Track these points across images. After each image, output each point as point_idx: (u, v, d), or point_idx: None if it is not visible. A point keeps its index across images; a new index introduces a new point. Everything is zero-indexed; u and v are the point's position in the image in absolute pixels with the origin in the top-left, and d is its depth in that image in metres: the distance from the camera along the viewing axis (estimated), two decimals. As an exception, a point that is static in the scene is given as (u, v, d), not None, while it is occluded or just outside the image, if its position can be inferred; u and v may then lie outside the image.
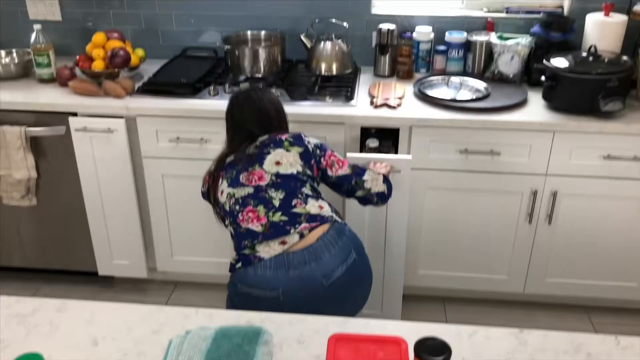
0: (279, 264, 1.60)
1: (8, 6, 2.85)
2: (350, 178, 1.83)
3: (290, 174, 1.72)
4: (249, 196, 1.70)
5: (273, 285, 1.59)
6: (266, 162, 1.73)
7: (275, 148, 1.76)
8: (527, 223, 2.41)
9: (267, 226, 1.64)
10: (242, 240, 1.67)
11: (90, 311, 1.24)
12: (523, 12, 2.68)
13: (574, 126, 2.22)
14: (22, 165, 2.43)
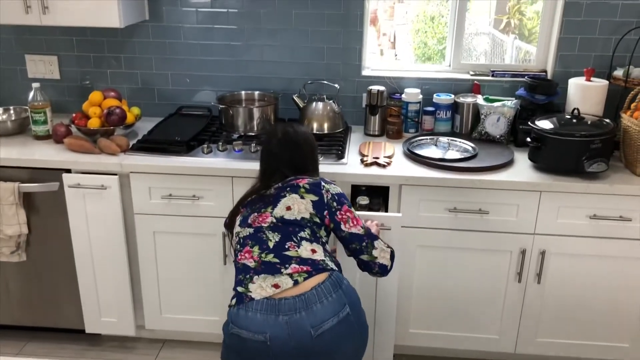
0: (269, 309, 1.62)
1: (7, 64, 2.92)
2: (362, 239, 1.82)
3: (294, 220, 1.76)
4: (249, 236, 1.77)
5: (261, 329, 1.60)
6: (279, 206, 1.78)
7: (291, 193, 1.80)
8: (516, 282, 2.42)
9: (259, 263, 1.70)
10: (238, 275, 1.74)
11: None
12: (508, 75, 2.77)
13: (560, 186, 2.26)
14: (14, 221, 2.43)
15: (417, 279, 2.46)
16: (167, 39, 2.83)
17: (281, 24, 2.76)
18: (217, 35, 2.81)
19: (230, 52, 2.82)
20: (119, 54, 2.87)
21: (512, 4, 5.62)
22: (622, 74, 2.55)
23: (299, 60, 2.80)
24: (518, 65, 2.88)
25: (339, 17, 2.72)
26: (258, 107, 2.67)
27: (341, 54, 2.78)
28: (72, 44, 2.87)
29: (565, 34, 2.66)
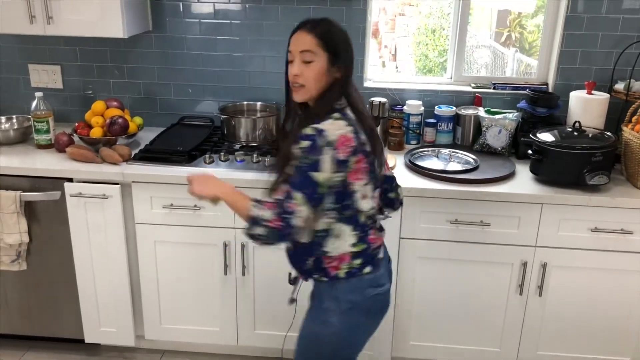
0: (386, 260, 1.83)
1: (11, 73, 2.93)
2: (393, 180, 1.94)
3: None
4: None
5: (387, 280, 1.80)
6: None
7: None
8: (517, 294, 2.42)
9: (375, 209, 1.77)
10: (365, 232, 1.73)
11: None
12: (509, 88, 2.78)
13: (561, 199, 2.27)
14: (15, 229, 2.43)
15: (417, 290, 2.45)
16: (170, 49, 2.84)
17: (283, 36, 2.75)
18: (220, 46, 2.82)
19: (233, 62, 2.83)
20: (121, 64, 2.88)
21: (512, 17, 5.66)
22: (623, 88, 2.56)
23: (301, 72, 2.81)
24: (519, 78, 2.89)
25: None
26: (260, 118, 2.68)
27: (343, 66, 2.79)
28: (75, 53, 2.88)
29: (566, 47, 2.67)
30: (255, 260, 2.46)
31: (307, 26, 1.62)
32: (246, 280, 2.49)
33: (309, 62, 1.61)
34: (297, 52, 1.62)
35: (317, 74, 1.62)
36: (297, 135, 1.57)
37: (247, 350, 2.69)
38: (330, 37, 1.62)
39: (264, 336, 2.57)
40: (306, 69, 1.61)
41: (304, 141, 1.54)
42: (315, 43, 1.60)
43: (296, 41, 1.63)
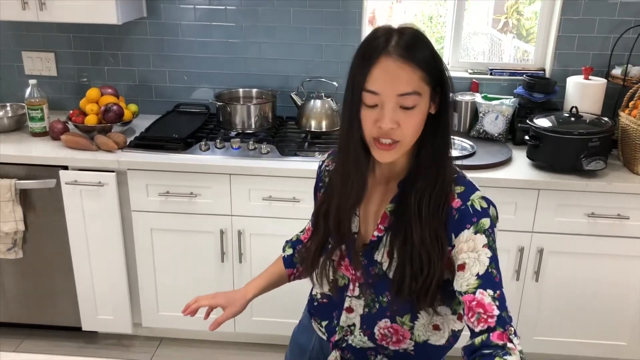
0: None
1: (4, 61, 2.90)
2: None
3: None
4: None
5: None
6: None
7: None
8: (514, 280, 2.42)
9: None
10: None
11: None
12: (506, 74, 2.77)
13: (558, 184, 2.26)
14: (11, 217, 2.42)
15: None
16: (164, 36, 2.82)
17: (279, 22, 2.75)
18: (215, 32, 2.80)
19: (228, 49, 2.81)
20: (116, 51, 2.86)
21: (510, 3, 5.62)
22: (621, 73, 2.55)
23: (297, 58, 2.79)
24: (516, 64, 2.88)
25: (337, 15, 2.71)
26: (256, 105, 2.67)
27: (339, 52, 2.77)
28: (69, 40, 2.86)
29: (563, 33, 2.66)
30: (252, 247, 2.45)
31: (400, 50, 1.03)
32: (243, 268, 2.49)
33: (410, 109, 1.06)
34: (392, 95, 1.04)
35: (420, 121, 1.09)
36: (464, 210, 1.11)
37: (244, 337, 2.69)
38: (432, 59, 1.07)
39: (260, 323, 2.57)
40: (406, 119, 1.06)
41: (484, 219, 1.11)
42: (420, 78, 1.05)
43: (389, 78, 1.04)
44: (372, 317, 1.22)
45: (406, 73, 1.03)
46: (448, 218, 1.11)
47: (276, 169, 2.32)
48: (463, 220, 1.09)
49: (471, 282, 1.06)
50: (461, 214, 1.10)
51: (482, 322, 1.03)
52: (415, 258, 1.11)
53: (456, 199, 1.12)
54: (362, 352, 1.26)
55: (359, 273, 1.21)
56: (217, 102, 2.65)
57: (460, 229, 1.09)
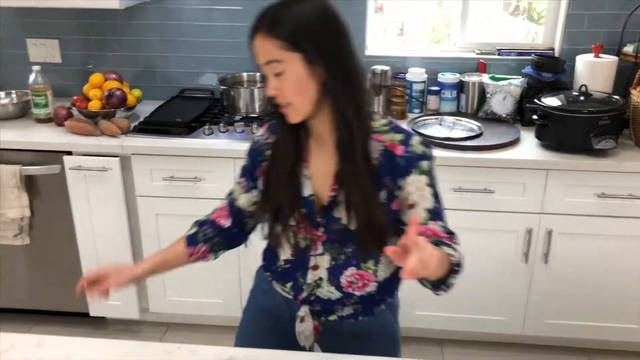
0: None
1: (9, 49, 2.90)
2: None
3: None
4: None
5: None
6: None
7: None
8: (523, 263, 2.38)
9: None
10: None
11: (69, 347, 1.22)
12: (514, 54, 2.72)
13: (567, 164, 2.22)
14: (16, 204, 2.43)
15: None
16: (168, 20, 2.80)
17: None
18: (219, 16, 2.77)
19: (233, 33, 2.79)
20: (120, 37, 2.85)
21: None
22: (633, 50, 2.49)
23: (301, 41, 2.76)
24: (524, 44, 2.82)
25: (341, -5, 2.67)
26: (260, 89, 2.64)
27: (344, 34, 2.73)
28: (73, 27, 2.85)
29: (573, 10, 2.60)
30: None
31: (262, 26, 1.15)
32: (249, 252, 2.47)
33: (280, 75, 1.17)
34: (262, 66, 1.19)
35: (295, 85, 1.17)
36: (410, 156, 1.22)
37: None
38: (296, 28, 1.14)
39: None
40: (281, 84, 1.18)
41: (425, 161, 1.24)
42: (278, 46, 1.14)
43: (255, 53, 1.18)
44: (338, 268, 1.30)
45: (265, 45, 1.15)
46: (395, 165, 1.22)
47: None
48: (408, 166, 1.22)
49: (422, 216, 1.22)
50: (405, 160, 1.22)
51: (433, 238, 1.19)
52: (371, 207, 1.21)
53: (398, 147, 1.23)
54: (330, 304, 1.33)
55: (320, 232, 1.28)
56: (220, 86, 2.63)
57: (407, 173, 1.22)
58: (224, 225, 1.41)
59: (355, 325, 1.36)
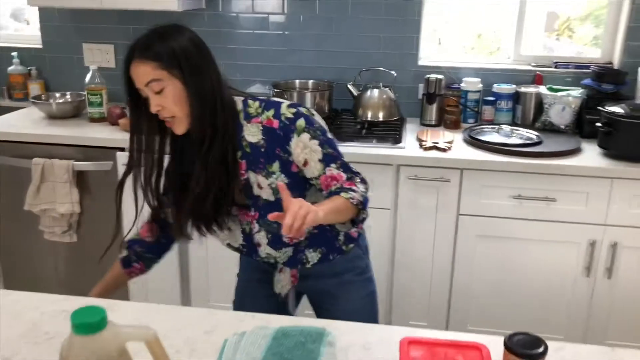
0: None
1: (65, 53, 2.95)
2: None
3: None
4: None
5: None
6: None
7: None
8: (584, 277, 2.27)
9: None
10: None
11: (139, 312, 1.17)
12: (572, 66, 2.67)
13: (634, 173, 2.13)
14: (67, 199, 2.42)
15: (476, 271, 2.34)
16: (222, 27, 2.82)
17: (337, 13, 2.72)
18: (272, 24, 2.79)
19: (285, 41, 2.80)
20: (174, 43, 2.87)
21: (561, 21, 5.52)
22: (697, 62, 2.42)
23: (354, 50, 2.75)
24: (582, 57, 2.77)
25: (397, 5, 2.67)
26: (312, 92, 2.63)
27: (398, 43, 2.72)
28: (128, 32, 2.89)
29: (633, 23, 2.55)
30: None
31: (138, 53, 1.32)
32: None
33: (160, 92, 1.31)
34: (142, 87, 1.32)
35: (174, 98, 1.32)
36: (283, 126, 1.36)
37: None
38: (165, 50, 1.31)
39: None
40: (163, 100, 1.32)
41: (298, 121, 1.36)
42: (154, 67, 1.30)
43: (135, 77, 1.33)
44: (275, 237, 1.43)
45: (143, 68, 1.30)
46: (276, 137, 1.36)
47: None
48: (286, 132, 1.35)
49: (318, 167, 1.36)
50: (282, 130, 1.36)
51: (334, 185, 1.36)
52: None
53: (272, 121, 1.36)
54: (293, 259, 1.49)
55: (252, 212, 1.42)
56: (273, 89, 2.62)
57: (288, 140, 1.36)
58: (152, 241, 1.56)
59: (330, 265, 1.51)
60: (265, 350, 0.98)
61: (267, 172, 1.37)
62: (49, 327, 1.12)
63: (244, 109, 1.40)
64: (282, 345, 0.99)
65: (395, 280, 2.39)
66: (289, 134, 1.36)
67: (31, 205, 2.44)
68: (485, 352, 0.97)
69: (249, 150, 1.38)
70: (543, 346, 0.86)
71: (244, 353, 0.98)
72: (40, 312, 1.18)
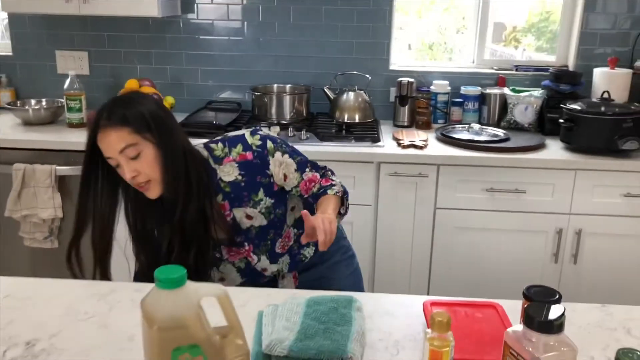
0: None
1: (38, 60, 2.94)
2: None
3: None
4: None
5: None
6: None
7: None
8: (553, 263, 2.44)
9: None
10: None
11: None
12: (532, 69, 2.86)
13: (595, 164, 2.32)
14: (49, 204, 2.41)
15: (454, 262, 2.46)
16: (198, 34, 2.88)
17: (311, 20, 2.83)
18: (248, 30, 2.87)
19: (261, 47, 2.88)
20: (149, 50, 2.91)
21: (508, 32, 5.81)
22: (644, 64, 2.65)
23: (328, 55, 2.86)
24: (540, 61, 2.97)
25: (368, 12, 2.80)
26: (291, 96, 2.72)
27: (370, 49, 2.84)
28: (102, 39, 2.91)
29: (585, 29, 2.76)
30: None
31: (107, 122, 1.31)
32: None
33: (136, 157, 1.31)
34: (116, 155, 1.30)
35: (151, 161, 1.32)
36: (253, 154, 1.43)
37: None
38: (139, 115, 1.32)
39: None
40: (139, 164, 1.31)
41: (267, 144, 1.44)
42: (130, 132, 1.30)
43: (107, 145, 1.31)
44: (273, 253, 1.51)
45: (118, 134, 1.29)
46: (255, 167, 1.43)
47: (319, 152, 2.34)
48: (262, 159, 1.44)
49: (296, 177, 1.47)
50: (258, 158, 1.43)
51: (315, 186, 1.49)
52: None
53: (245, 154, 1.43)
54: (293, 262, 1.57)
55: (247, 247, 1.48)
56: (253, 92, 2.69)
57: (266, 164, 1.44)
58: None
59: (322, 253, 1.53)
60: (302, 315, 1.05)
61: (253, 202, 1.43)
62: (87, 308, 1.15)
63: (210, 155, 1.44)
64: (317, 311, 1.07)
65: (377, 271, 2.49)
66: (264, 158, 1.43)
67: (12, 211, 2.42)
68: (500, 309, 1.08)
69: (229, 190, 1.42)
70: (557, 295, 0.97)
71: (283, 319, 1.05)
72: (74, 295, 1.21)
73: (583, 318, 1.17)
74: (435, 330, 0.88)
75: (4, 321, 1.10)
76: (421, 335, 1.08)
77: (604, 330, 1.13)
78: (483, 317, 1.07)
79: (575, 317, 1.16)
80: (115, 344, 1.04)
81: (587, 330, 1.13)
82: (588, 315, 1.18)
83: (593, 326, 1.15)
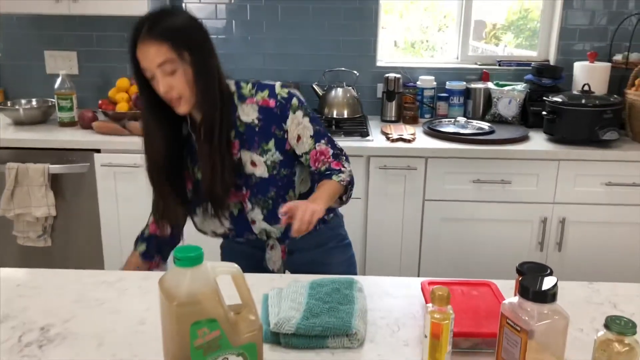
0: None
1: (27, 60, 2.95)
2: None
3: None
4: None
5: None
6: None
7: None
8: (538, 251, 2.51)
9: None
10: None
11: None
12: (514, 64, 2.94)
13: (577, 154, 2.40)
14: (43, 202, 2.43)
15: (442, 252, 2.53)
16: (187, 33, 2.90)
17: (299, 18, 2.87)
18: (236, 29, 2.90)
19: (249, 45, 2.92)
20: (139, 49, 2.93)
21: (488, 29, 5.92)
22: (622, 58, 2.74)
23: (316, 53, 2.91)
24: (522, 56, 3.05)
25: (355, 10, 2.85)
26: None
27: (357, 46, 2.90)
28: (91, 39, 2.92)
29: (565, 24, 2.85)
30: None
31: (150, 34, 1.33)
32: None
33: (172, 73, 1.34)
34: (154, 68, 1.34)
35: (185, 78, 1.35)
36: (278, 102, 1.44)
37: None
38: (178, 31, 1.35)
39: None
40: (174, 80, 1.35)
41: (293, 100, 1.46)
42: (168, 47, 1.32)
43: (145, 57, 1.34)
44: (271, 214, 1.48)
45: (157, 48, 1.31)
46: (273, 116, 1.43)
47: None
48: (283, 111, 1.44)
49: (309, 142, 1.46)
50: (279, 108, 1.44)
51: (325, 163, 1.47)
52: (214, 180, 1.41)
53: (269, 100, 1.44)
54: (285, 233, 1.52)
55: (244, 191, 1.46)
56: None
57: (285, 117, 1.44)
58: (163, 235, 1.60)
59: (316, 236, 1.53)
60: (307, 296, 1.10)
61: (262, 150, 1.43)
62: (97, 295, 1.19)
63: (237, 90, 1.45)
64: (320, 292, 1.12)
65: (368, 262, 2.54)
66: (285, 112, 1.44)
67: (5, 210, 2.43)
68: (494, 287, 1.14)
69: (242, 130, 1.43)
70: (549, 269, 1.04)
71: (288, 300, 1.09)
72: (83, 283, 1.24)
73: (571, 294, 1.23)
74: (435, 304, 0.94)
75: (18, 309, 1.14)
76: (420, 314, 1.13)
77: (591, 304, 1.20)
78: (479, 294, 1.13)
79: (564, 294, 1.21)
80: (128, 327, 1.08)
81: (575, 305, 1.19)
82: (576, 292, 1.25)
83: (581, 302, 1.21)
